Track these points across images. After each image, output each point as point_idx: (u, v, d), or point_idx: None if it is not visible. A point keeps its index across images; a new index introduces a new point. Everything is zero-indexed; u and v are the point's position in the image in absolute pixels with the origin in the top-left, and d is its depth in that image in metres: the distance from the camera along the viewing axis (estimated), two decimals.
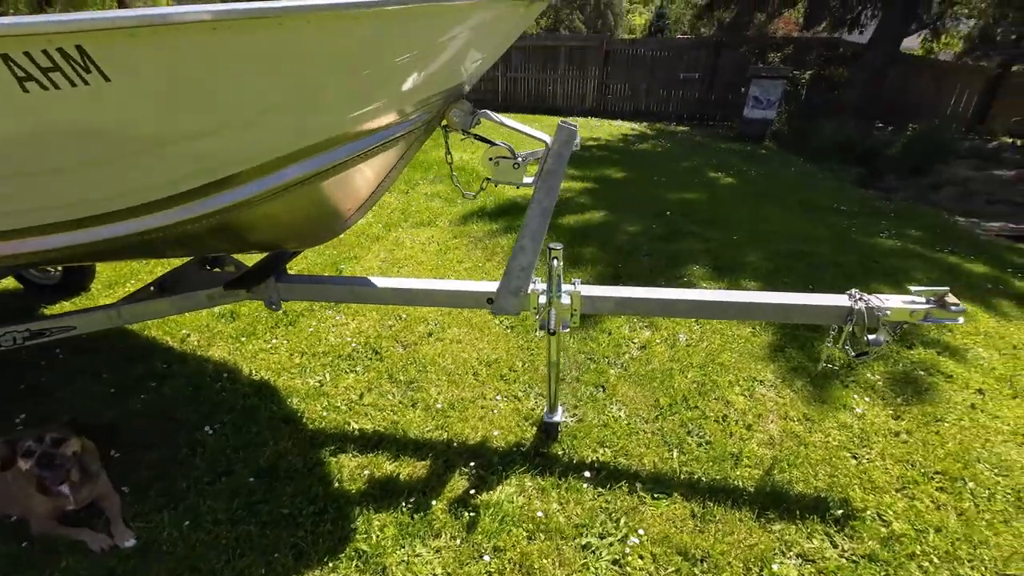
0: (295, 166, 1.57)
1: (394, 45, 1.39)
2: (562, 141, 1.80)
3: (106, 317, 2.03)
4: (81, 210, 1.51)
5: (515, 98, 14.92)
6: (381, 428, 2.36)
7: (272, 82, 1.30)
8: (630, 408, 2.52)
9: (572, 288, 2.04)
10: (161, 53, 1.15)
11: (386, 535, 1.83)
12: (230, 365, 2.78)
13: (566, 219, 5.19)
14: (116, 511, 1.88)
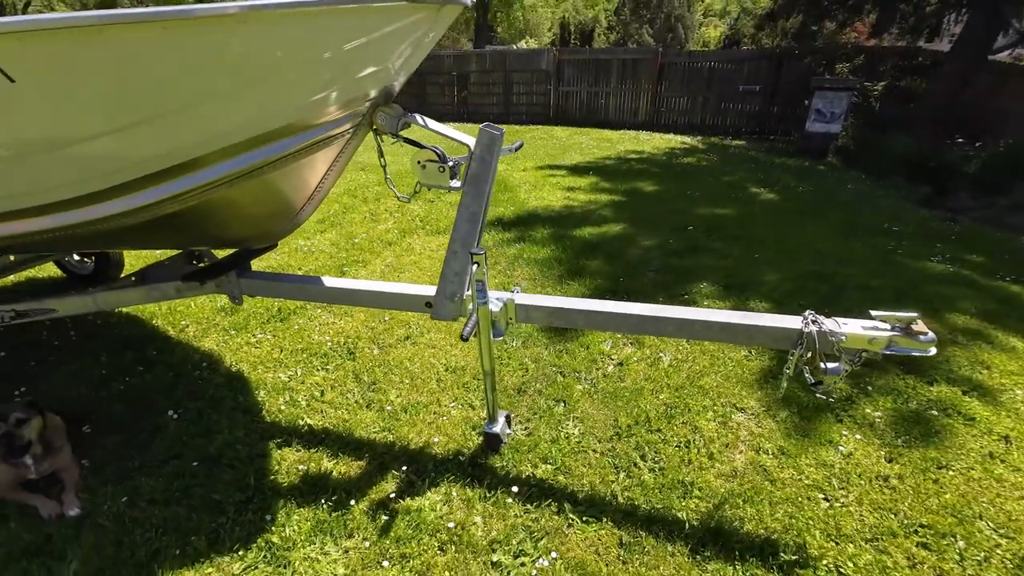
0: (238, 159, 1.64)
1: (305, 47, 1.43)
2: (484, 145, 1.77)
3: (82, 302, 2.21)
4: (43, 197, 1.65)
5: (566, 111, 14.92)
6: (331, 425, 2.39)
7: (201, 78, 1.37)
8: (586, 426, 2.41)
9: (508, 296, 1.99)
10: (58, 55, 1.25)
11: (300, 530, 1.85)
12: (215, 356, 2.94)
13: (580, 231, 5.09)
14: (72, 482, 2.03)
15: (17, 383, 2.65)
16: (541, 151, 9.97)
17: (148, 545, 1.79)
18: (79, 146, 1.50)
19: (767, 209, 6.09)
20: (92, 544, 1.79)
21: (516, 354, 2.95)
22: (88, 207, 1.67)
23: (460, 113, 16.02)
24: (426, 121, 1.83)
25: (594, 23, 58.35)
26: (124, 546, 1.79)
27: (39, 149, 1.48)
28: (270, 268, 4.21)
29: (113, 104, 1.39)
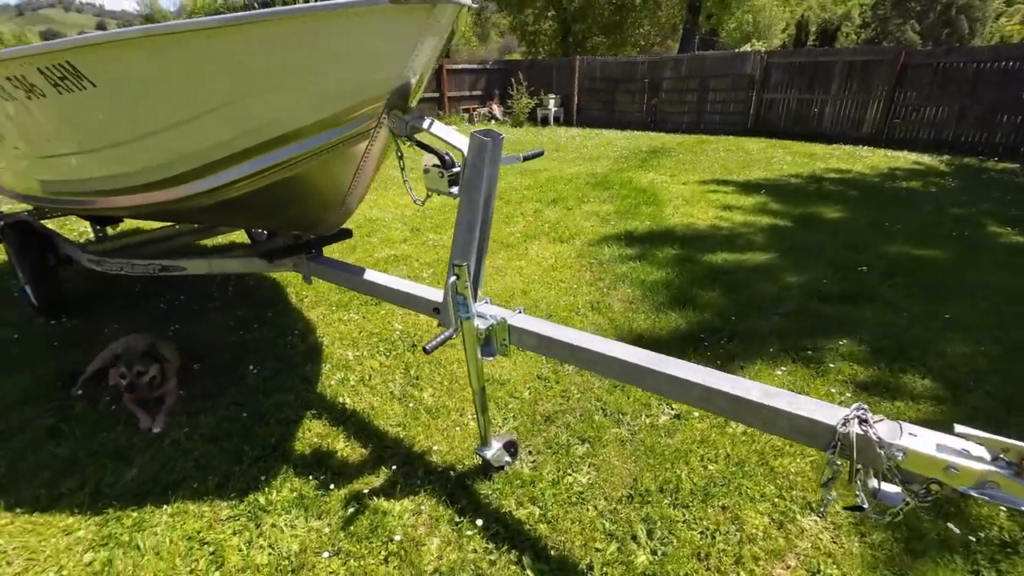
0: (261, 158, 1.86)
1: (310, 50, 1.54)
2: (474, 151, 1.65)
3: (202, 264, 2.74)
4: (137, 179, 2.10)
5: (767, 121, 13.25)
6: (360, 409, 2.54)
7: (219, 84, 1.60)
8: (600, 476, 2.10)
9: (503, 315, 1.84)
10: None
11: (284, 499, 2.00)
12: (311, 326, 3.36)
13: (712, 256, 4.47)
14: (168, 406, 2.54)
15: (175, 321, 3.42)
16: (717, 164, 9.03)
17: (181, 471, 2.14)
18: (161, 135, 1.85)
19: (1000, 256, 4.50)
20: (148, 459, 2.21)
21: (566, 378, 2.73)
22: (172, 188, 2.05)
23: (647, 121, 15.45)
24: (433, 125, 1.78)
25: (841, 21, 50.50)
26: (166, 467, 2.16)
27: (140, 137, 1.87)
28: (393, 255, 4.65)
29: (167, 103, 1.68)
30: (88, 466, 2.18)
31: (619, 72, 15.72)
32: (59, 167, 2.35)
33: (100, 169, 2.14)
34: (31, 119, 2.06)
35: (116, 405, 2.56)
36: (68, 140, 2.08)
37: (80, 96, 1.69)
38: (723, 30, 37.87)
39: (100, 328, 3.35)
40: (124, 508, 1.96)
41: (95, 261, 2.94)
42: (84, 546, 1.82)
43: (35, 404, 2.60)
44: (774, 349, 2.98)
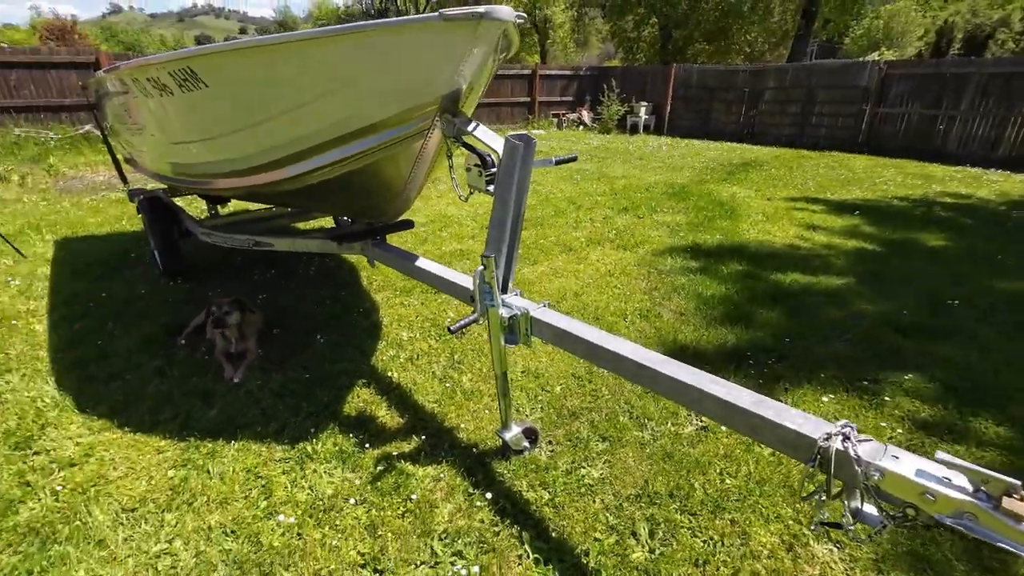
0: (328, 153, 2.15)
1: (371, 61, 1.79)
2: (506, 154, 1.80)
3: (287, 242, 3.15)
4: (241, 164, 2.49)
5: (879, 137, 12.14)
6: (403, 383, 2.78)
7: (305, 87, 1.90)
8: (612, 473, 2.16)
9: (526, 306, 1.97)
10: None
11: (327, 450, 2.28)
12: (375, 307, 3.69)
13: (781, 275, 4.27)
14: (248, 361, 2.95)
15: (264, 291, 3.91)
16: (811, 181, 8.46)
17: (250, 417, 2.50)
18: (250, 130, 2.20)
19: None
20: (227, 403, 2.60)
21: (599, 379, 2.80)
22: (264, 174, 2.41)
23: (743, 133, 14.73)
24: (477, 128, 1.96)
25: (996, 28, 44.64)
26: (240, 411, 2.54)
27: (231, 130, 2.24)
28: (460, 250, 4.93)
29: (259, 101, 2.01)
30: (181, 402, 2.61)
31: (716, 80, 15.13)
32: (183, 153, 2.84)
33: (212, 155, 2.56)
34: (163, 112, 2.52)
35: (209, 356, 3.01)
36: (189, 130, 2.52)
37: (197, 94, 2.07)
38: (847, 37, 34.85)
39: (207, 291, 3.91)
40: (203, 439, 2.34)
41: (206, 233, 3.47)
42: (169, 464, 2.21)
43: (150, 349, 3.12)
44: (827, 375, 2.84)
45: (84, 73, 10.83)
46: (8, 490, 2.05)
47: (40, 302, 3.74)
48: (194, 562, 1.77)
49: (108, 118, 3.79)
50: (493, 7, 1.60)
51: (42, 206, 6.50)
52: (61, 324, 3.40)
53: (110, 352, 3.07)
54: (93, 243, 5.10)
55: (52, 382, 2.77)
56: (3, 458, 2.22)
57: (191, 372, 2.87)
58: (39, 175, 8.28)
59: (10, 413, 2.51)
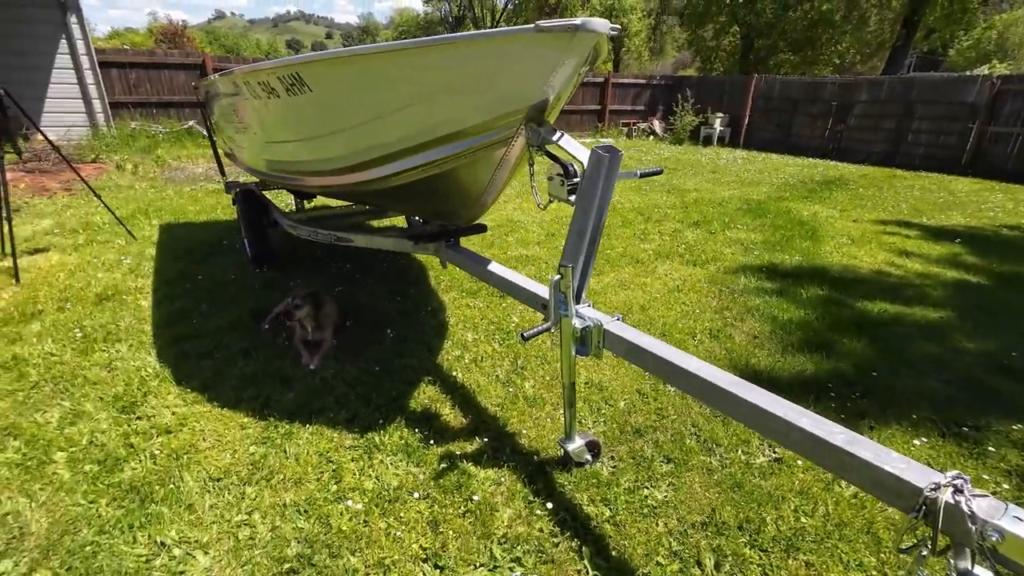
0: (419, 155, 2.24)
1: (464, 71, 1.85)
2: (591, 165, 1.80)
3: (365, 239, 3.29)
4: (332, 164, 2.63)
5: (988, 159, 11.06)
6: (467, 384, 2.83)
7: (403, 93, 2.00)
8: (678, 497, 2.09)
9: (600, 319, 1.95)
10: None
11: (394, 443, 2.36)
12: (442, 306, 3.79)
13: (867, 304, 3.98)
14: (323, 350, 3.11)
15: (341, 284, 4.12)
16: (905, 204, 7.85)
17: (324, 404, 2.63)
18: (344, 133, 2.33)
19: None
20: (303, 389, 2.75)
21: (665, 397, 2.72)
22: (353, 174, 2.54)
23: (828, 148, 13.88)
24: (562, 138, 1.96)
25: None
26: (315, 396, 2.68)
27: (327, 132, 2.37)
28: (526, 256, 4.96)
29: (355, 106, 2.12)
30: (263, 383, 2.79)
31: (801, 92, 14.37)
32: (280, 151, 3.04)
33: (307, 155, 2.73)
34: (268, 113, 2.72)
35: (288, 342, 3.20)
36: (289, 131, 2.70)
37: (301, 99, 2.22)
38: (952, 48, 32.02)
39: (289, 281, 4.17)
40: (280, 420, 2.49)
41: (292, 227, 3.70)
42: (251, 440, 2.36)
43: (238, 331, 3.36)
44: (919, 416, 2.61)
45: (192, 74, 11.89)
46: (115, 449, 2.27)
47: (146, 280, 4.13)
48: (270, 536, 1.88)
49: (215, 115, 4.14)
50: (589, 19, 1.60)
51: (150, 193, 7.18)
52: (163, 302, 3.74)
53: (202, 331, 3.34)
54: (192, 229, 5.57)
55: (154, 355, 3.05)
56: (112, 419, 2.47)
57: (273, 356, 3.07)
58: (148, 165, 9.16)
59: (119, 380, 2.78)
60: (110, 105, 10.68)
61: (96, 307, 3.62)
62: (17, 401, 2.58)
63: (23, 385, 2.71)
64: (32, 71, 9.52)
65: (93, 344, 3.13)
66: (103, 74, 10.50)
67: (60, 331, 3.27)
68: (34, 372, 2.83)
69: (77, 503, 1.99)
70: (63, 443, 2.30)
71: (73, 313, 3.51)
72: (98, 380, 2.78)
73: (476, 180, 2.44)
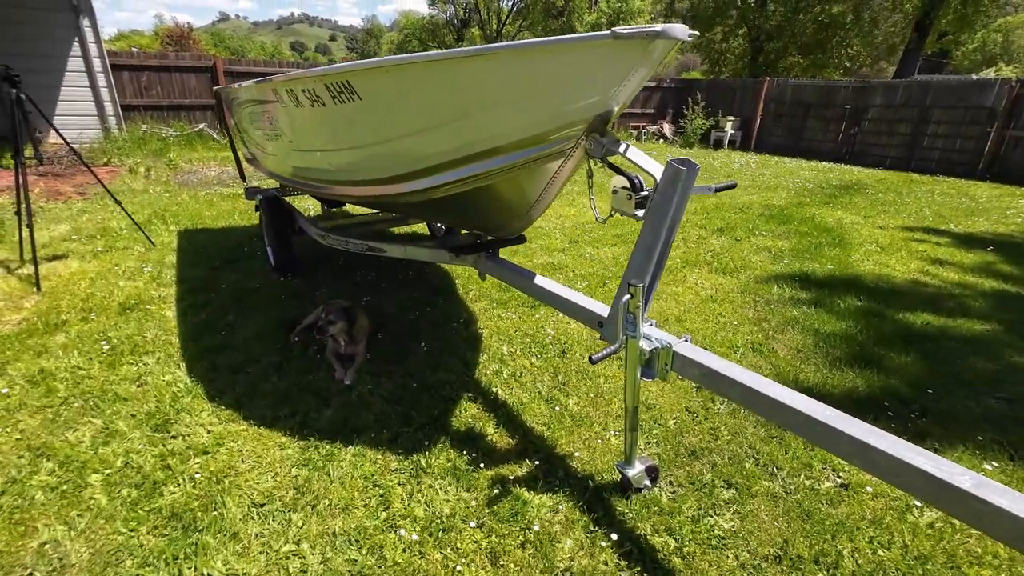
0: (470, 166, 2.14)
1: (523, 81, 1.76)
2: (667, 179, 1.70)
3: (399, 249, 3.19)
4: (373, 174, 2.54)
5: (1008, 164, 10.96)
6: (510, 401, 2.73)
7: (434, 105, 1.90)
8: (745, 528, 1.99)
9: (668, 340, 1.86)
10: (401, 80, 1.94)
11: (441, 466, 2.26)
12: (473, 317, 3.69)
13: (909, 316, 3.87)
14: (357, 364, 3.02)
15: (367, 292, 4.02)
16: (928, 210, 7.73)
17: (363, 422, 2.53)
18: (390, 143, 2.23)
19: None
20: (341, 405, 2.66)
21: (716, 417, 2.62)
22: (392, 185, 2.44)
23: (842, 153, 13.78)
24: (628, 149, 1.87)
25: None
26: (353, 414, 2.58)
27: (371, 142, 2.28)
28: (551, 264, 4.86)
29: (407, 115, 2.03)
30: (298, 400, 2.70)
31: (814, 96, 14.27)
32: (314, 158, 2.95)
33: (345, 164, 2.64)
34: (308, 121, 2.62)
35: (320, 355, 3.11)
36: (329, 139, 2.59)
37: (350, 107, 2.12)
38: (958, 52, 31.85)
39: (314, 289, 4.08)
40: (320, 440, 2.39)
41: (321, 235, 3.60)
42: (291, 462, 2.27)
43: (265, 342, 3.27)
44: (984, 438, 2.50)
45: (203, 76, 11.85)
46: (152, 471, 2.18)
47: (169, 289, 4.04)
48: (321, 568, 1.79)
49: (240, 120, 4.05)
50: (671, 25, 1.50)
51: (165, 197, 7.11)
52: (188, 312, 3.65)
53: (231, 343, 3.25)
54: (210, 235, 5.49)
55: (183, 368, 2.96)
56: (146, 439, 2.37)
57: (305, 370, 2.97)
58: (161, 168, 9.09)
59: (149, 396, 2.69)
60: (121, 108, 10.64)
61: (120, 317, 3.53)
62: (47, 419, 2.50)
63: (52, 401, 2.62)
64: (44, 74, 9.48)
65: (120, 357, 3.04)
66: (115, 77, 10.46)
67: (86, 343, 3.18)
68: (62, 387, 2.74)
69: (117, 531, 1.89)
70: (98, 465, 2.21)
71: (98, 324, 3.42)
72: (128, 396, 2.68)
73: (526, 193, 2.35)
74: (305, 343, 3.24)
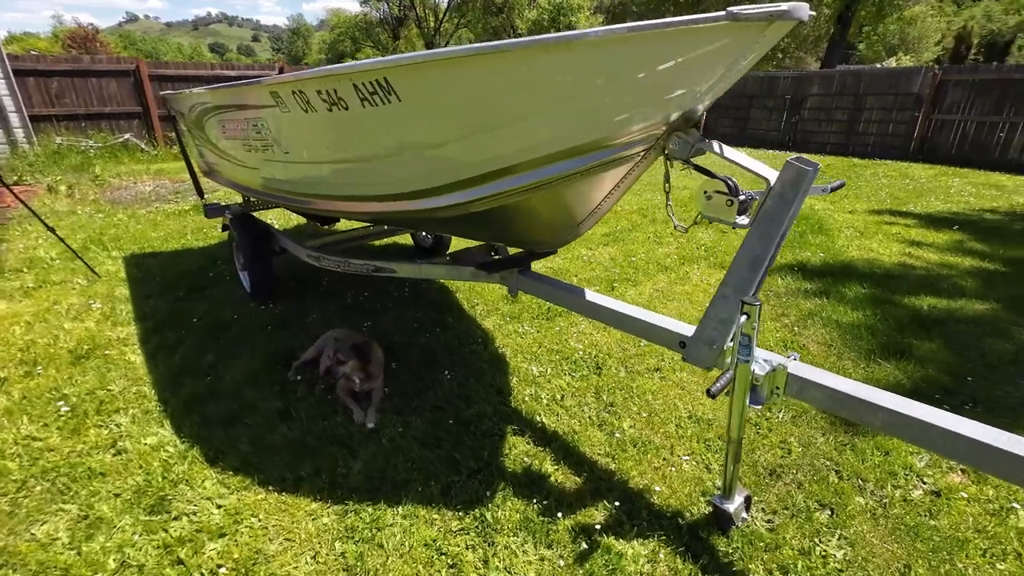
0: (512, 178, 1.85)
1: (611, 74, 1.49)
2: (788, 181, 1.50)
3: (412, 268, 2.84)
4: (398, 187, 2.19)
5: (935, 146, 11.75)
6: (561, 431, 2.47)
7: (494, 105, 1.60)
8: (858, 554, 1.83)
9: (780, 361, 1.66)
10: (446, 80, 1.61)
11: (510, 519, 1.97)
12: (489, 335, 3.39)
13: (915, 299, 3.92)
14: (376, 401, 2.65)
15: (361, 315, 3.63)
16: (882, 192, 8.10)
17: (403, 472, 2.19)
18: (430, 150, 1.91)
19: None
20: (371, 454, 2.30)
21: (780, 428, 2.47)
22: (425, 199, 2.11)
23: (785, 141, 14.37)
24: (723, 149, 1.66)
25: (1015, 33, 44.17)
26: (389, 465, 2.23)
27: (405, 151, 1.95)
28: (550, 270, 4.62)
29: (459, 118, 1.72)
30: (318, 452, 2.31)
31: (756, 87, 14.81)
32: (313, 170, 2.55)
33: (360, 177, 2.27)
34: (317, 128, 2.20)
35: (331, 394, 2.72)
36: (344, 148, 2.19)
37: (380, 110, 1.78)
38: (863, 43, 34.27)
39: (303, 315, 3.63)
40: (360, 502, 2.04)
41: (314, 257, 3.18)
42: (332, 535, 1.90)
43: (259, 384, 2.83)
44: None
45: (125, 81, 10.74)
46: (159, 570, 1.76)
47: (128, 328, 3.47)
48: None
49: (203, 129, 3.51)
50: (795, 4, 1.29)
51: (98, 219, 6.28)
52: (158, 354, 3.13)
53: (219, 389, 2.79)
54: (163, 260, 4.85)
55: (168, 427, 2.49)
56: (142, 526, 1.93)
57: (317, 414, 2.58)
58: (85, 185, 8.10)
59: (133, 467, 2.23)
60: (30, 119, 9.43)
61: (74, 368, 2.97)
62: (2, 512, 1.99)
63: (5, 487, 2.11)
64: None
65: (85, 419, 2.53)
66: (19, 84, 9.25)
67: (36, 405, 2.63)
68: (15, 466, 2.22)
69: None
70: (85, 570, 1.76)
71: (47, 379, 2.86)
72: (106, 470, 2.21)
73: (584, 200, 2.08)
74: (309, 381, 2.83)
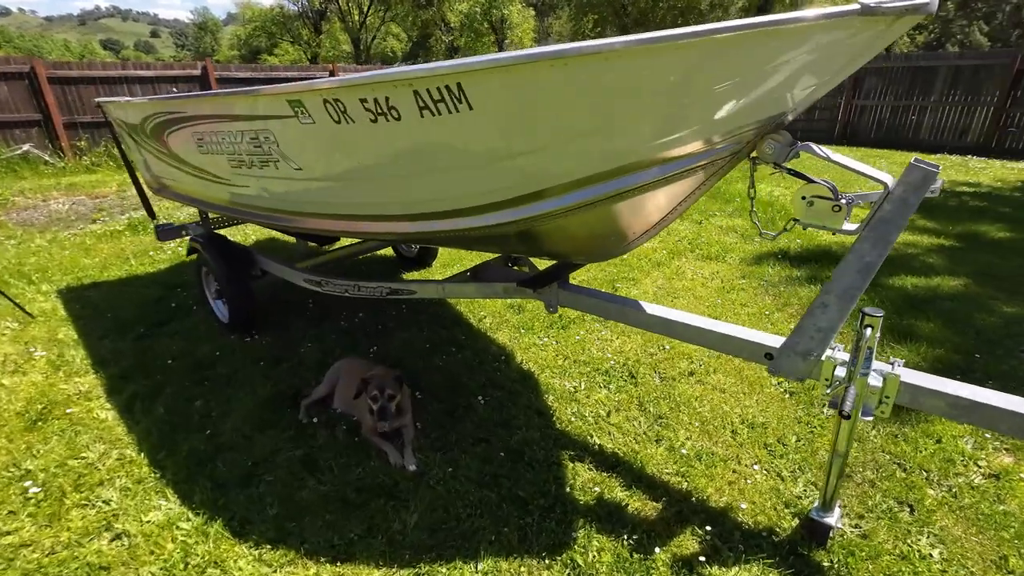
0: (595, 187, 1.68)
1: (715, 74, 1.35)
2: (911, 184, 1.43)
3: (434, 289, 2.59)
4: (424, 207, 1.95)
5: (857, 131, 12.68)
6: (620, 451, 2.34)
7: (588, 111, 1.42)
8: (951, 551, 1.83)
9: (887, 369, 1.60)
10: (513, 87, 1.40)
11: (602, 560, 1.81)
12: (507, 350, 3.20)
13: (898, 280, 4.13)
14: (409, 439, 2.39)
15: (371, 341, 3.31)
16: (825, 175, 8.55)
17: (467, 521, 1.97)
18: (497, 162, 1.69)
19: None
20: (428, 502, 2.05)
21: (828, 423, 2.47)
22: (456, 219, 1.89)
23: None
24: (827, 152, 1.58)
25: None
26: (451, 514, 2.00)
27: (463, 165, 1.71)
28: None
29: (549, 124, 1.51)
30: (363, 507, 2.04)
31: None
32: (323, 187, 2.24)
33: (392, 195, 2.00)
34: (347, 141, 1.89)
35: (358, 437, 2.43)
36: (407, 163, 1.88)
37: (443, 119, 1.54)
38: None
39: (296, 344, 3.26)
40: (430, 561, 1.80)
41: (314, 283, 2.83)
42: None
43: (269, 431, 2.49)
44: None
45: (17, 83, 9.44)
46: None
47: (87, 378, 2.96)
48: None
49: (168, 144, 2.99)
50: None
51: (11, 246, 5.42)
52: (135, 407, 2.68)
53: (223, 442, 2.43)
54: (108, 291, 4.23)
55: (172, 496, 2.12)
56: None
57: (347, 461, 2.29)
58: None
59: (143, 554, 1.86)
60: None
61: (32, 435, 2.48)
62: None
63: None
64: None
65: (63, 500, 2.10)
66: None
67: None
68: None
69: None
70: None
71: (1, 454, 2.36)
72: (108, 562, 1.83)
73: (649, 211, 1.93)
74: (327, 423, 2.53)
